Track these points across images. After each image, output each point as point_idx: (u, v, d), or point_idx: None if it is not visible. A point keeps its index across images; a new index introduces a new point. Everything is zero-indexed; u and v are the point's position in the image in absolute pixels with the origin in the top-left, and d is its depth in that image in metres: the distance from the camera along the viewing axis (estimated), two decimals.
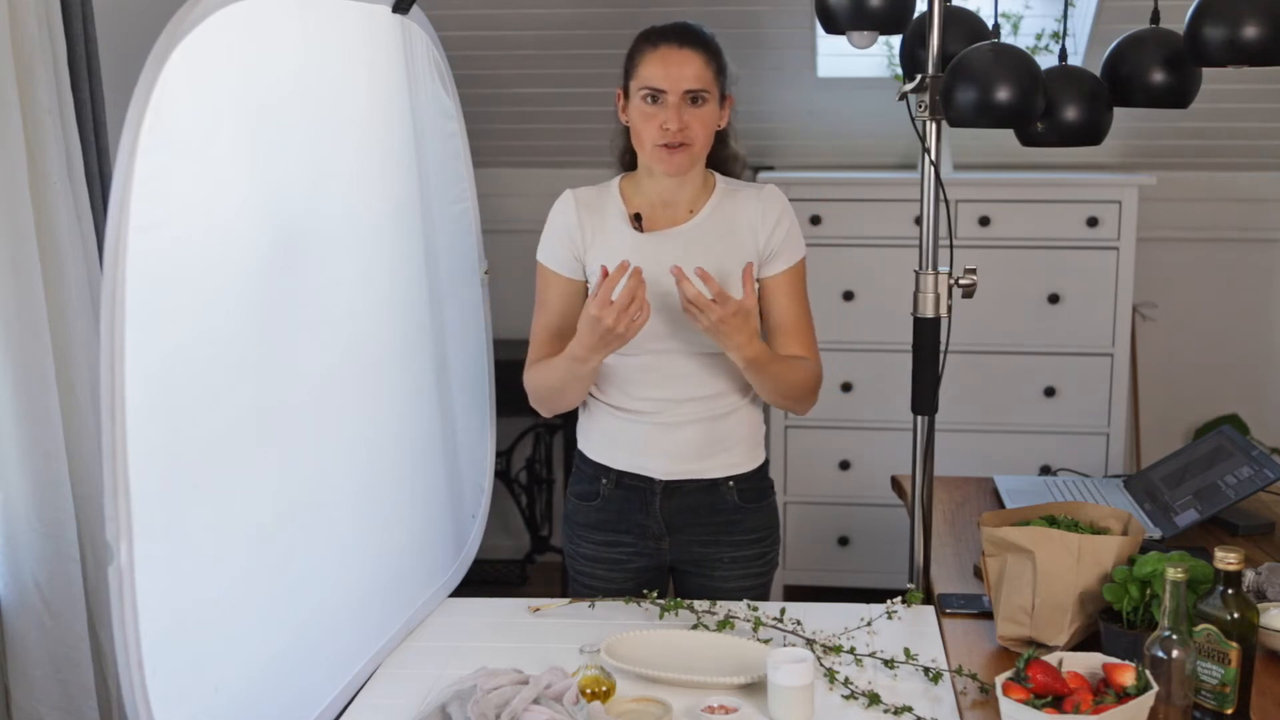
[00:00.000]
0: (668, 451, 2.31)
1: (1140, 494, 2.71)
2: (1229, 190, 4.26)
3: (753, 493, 2.37)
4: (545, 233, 2.33)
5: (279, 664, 1.77)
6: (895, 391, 2.75)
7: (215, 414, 1.60)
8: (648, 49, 2.23)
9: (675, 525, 2.35)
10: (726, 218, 2.29)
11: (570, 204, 2.31)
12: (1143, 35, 2.32)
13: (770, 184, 2.34)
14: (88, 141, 2.65)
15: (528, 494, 4.49)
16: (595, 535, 2.39)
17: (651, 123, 2.20)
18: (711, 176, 2.33)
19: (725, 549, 2.36)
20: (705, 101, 2.21)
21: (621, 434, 2.33)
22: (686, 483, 2.33)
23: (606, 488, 2.36)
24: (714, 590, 2.35)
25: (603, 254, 2.27)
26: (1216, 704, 1.73)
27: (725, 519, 2.35)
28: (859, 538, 4.13)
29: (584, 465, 2.40)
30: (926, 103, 2.20)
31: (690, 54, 2.20)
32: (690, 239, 2.28)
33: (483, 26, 3.89)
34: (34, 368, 2.54)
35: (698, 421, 2.30)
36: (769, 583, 2.44)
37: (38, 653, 2.62)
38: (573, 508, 2.42)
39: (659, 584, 2.42)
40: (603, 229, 2.29)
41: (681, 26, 2.25)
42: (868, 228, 3.97)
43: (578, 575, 2.43)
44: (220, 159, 1.61)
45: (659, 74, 2.20)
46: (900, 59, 2.54)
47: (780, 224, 2.28)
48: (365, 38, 2.07)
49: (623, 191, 2.32)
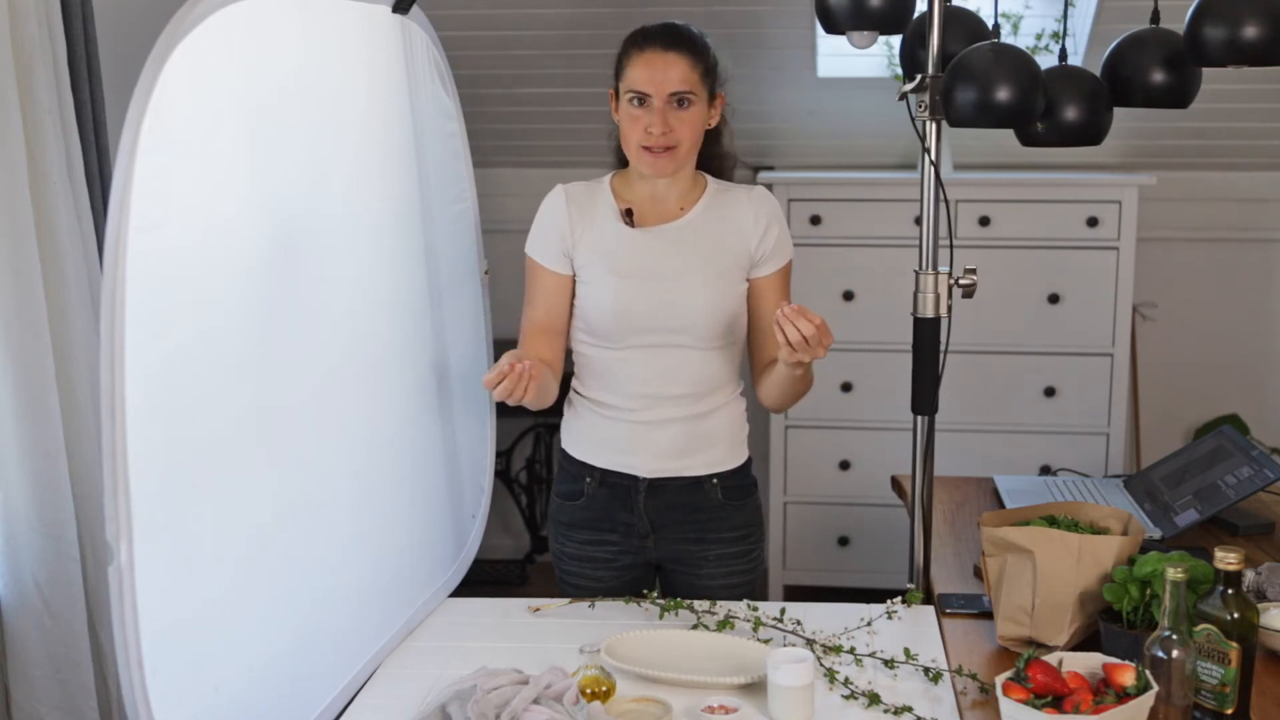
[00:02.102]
0: (651, 449, 2.31)
1: (1140, 494, 2.71)
2: (1229, 190, 4.25)
3: (736, 490, 2.38)
4: (534, 226, 2.34)
5: (279, 664, 1.77)
6: (895, 391, 2.75)
7: (215, 414, 1.60)
8: (634, 51, 2.24)
9: (659, 523, 2.35)
10: (717, 216, 2.30)
11: (560, 199, 2.32)
12: (1143, 35, 2.32)
13: (760, 186, 2.35)
14: (88, 141, 2.65)
15: (528, 494, 4.49)
16: (580, 534, 2.39)
17: (636, 125, 2.22)
18: (702, 177, 2.34)
19: (710, 546, 2.36)
20: (691, 103, 2.22)
21: (605, 432, 2.34)
22: (670, 480, 2.33)
23: (590, 486, 2.36)
24: (700, 588, 2.36)
25: (592, 248, 2.28)
26: (1216, 704, 1.73)
27: (709, 516, 2.36)
28: (859, 538, 4.13)
29: (568, 464, 2.41)
30: (926, 103, 2.20)
31: (675, 57, 2.21)
32: (681, 235, 2.29)
33: (483, 26, 3.89)
34: (34, 368, 2.54)
35: (680, 419, 2.30)
36: (755, 580, 2.44)
37: (38, 653, 2.62)
38: (557, 507, 2.43)
39: (647, 582, 2.42)
40: (592, 224, 2.30)
41: (668, 28, 2.25)
42: (868, 228, 3.97)
43: (565, 575, 2.43)
44: (220, 159, 1.61)
45: (643, 77, 2.21)
46: (900, 59, 2.54)
47: (771, 228, 2.30)
48: (365, 38, 2.07)
49: (614, 188, 2.33)
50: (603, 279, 2.27)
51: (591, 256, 2.28)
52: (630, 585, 2.36)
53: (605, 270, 2.27)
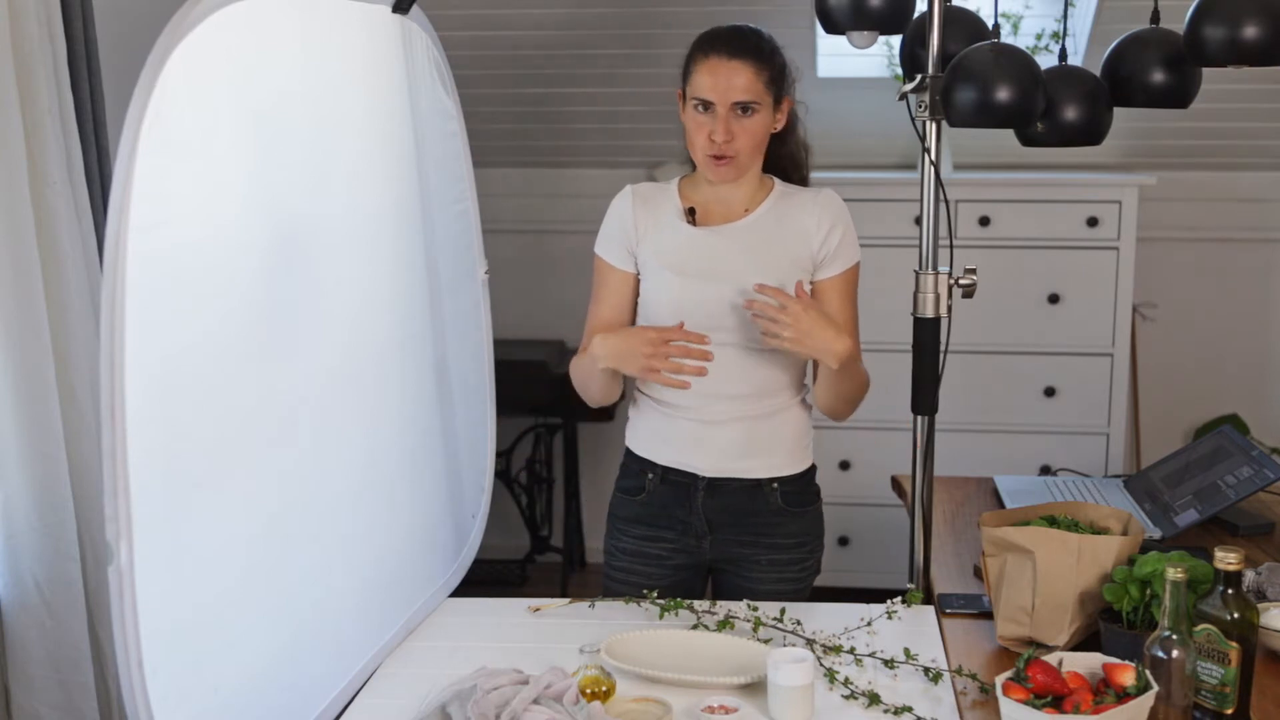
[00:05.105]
0: (711, 448, 2.32)
1: (1140, 494, 2.71)
2: (1229, 190, 4.26)
3: (796, 496, 2.37)
4: (603, 226, 2.37)
5: (279, 664, 1.77)
6: (895, 391, 2.74)
7: (215, 414, 1.60)
8: (700, 57, 2.25)
9: (716, 524, 2.35)
10: (781, 218, 2.30)
11: (628, 198, 2.35)
12: (1143, 35, 2.32)
13: (829, 189, 2.35)
14: (88, 141, 2.65)
15: (528, 494, 4.49)
16: (637, 529, 2.40)
17: (701, 132, 2.24)
18: (769, 179, 2.35)
19: (763, 551, 2.36)
20: (755, 111, 2.23)
21: (666, 430, 2.35)
22: (729, 481, 2.33)
23: (651, 483, 2.37)
24: (750, 591, 2.35)
25: (654, 246, 2.31)
26: (1216, 704, 1.73)
27: (766, 521, 2.35)
28: (859, 538, 4.13)
29: (630, 461, 2.42)
30: (926, 103, 2.21)
31: (740, 65, 2.21)
32: (744, 236, 2.30)
33: (483, 26, 3.89)
34: (34, 368, 2.54)
35: (741, 420, 2.31)
36: (807, 588, 2.44)
37: (38, 653, 2.62)
38: (617, 502, 2.44)
39: (697, 584, 2.42)
40: (656, 222, 2.32)
41: (734, 34, 2.26)
42: (868, 228, 3.94)
43: (614, 572, 2.42)
44: (220, 159, 1.61)
45: (708, 84, 2.22)
46: (900, 59, 2.54)
47: (835, 229, 2.30)
48: (365, 38, 2.07)
49: (681, 189, 2.35)
50: (663, 277, 2.29)
51: (653, 254, 2.30)
52: (680, 586, 2.37)
53: (665, 268, 2.29)
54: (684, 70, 2.28)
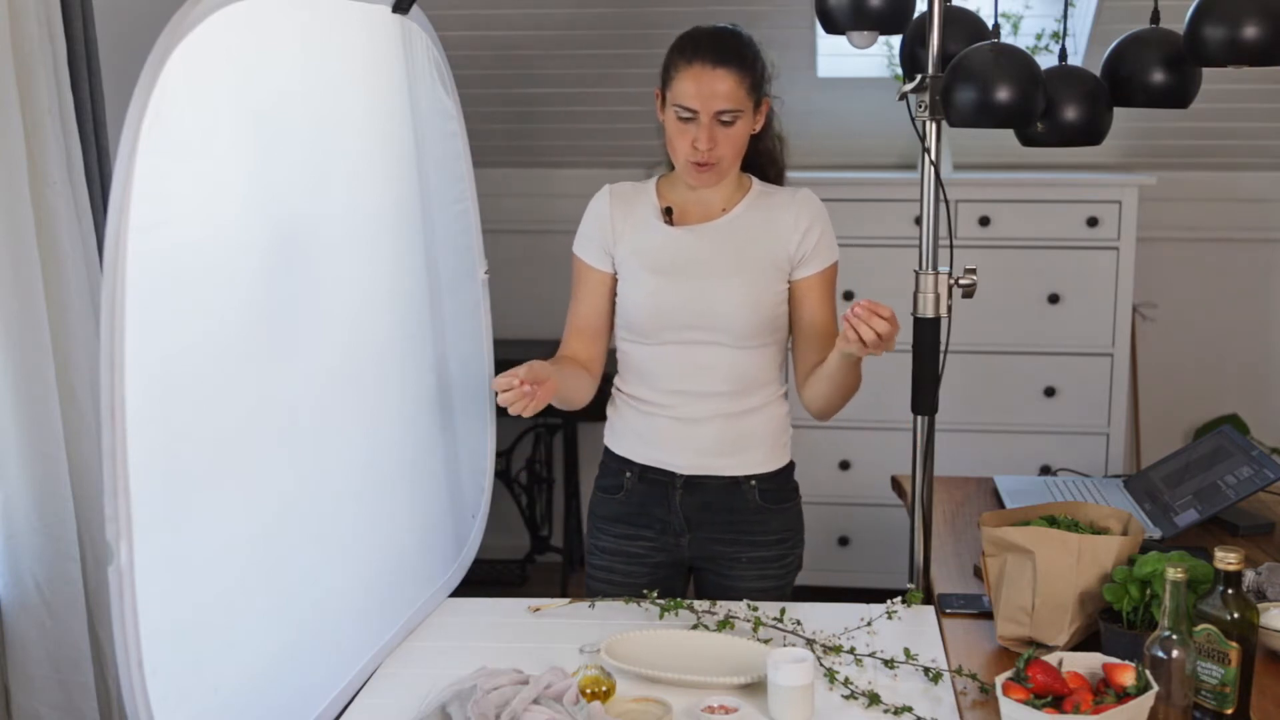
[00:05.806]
0: (689, 446, 2.32)
1: (1140, 494, 2.71)
2: (1229, 190, 4.25)
3: (775, 493, 2.37)
4: (581, 225, 2.38)
5: (279, 664, 1.77)
6: (895, 391, 2.74)
7: (215, 414, 1.60)
8: (682, 63, 2.22)
9: (695, 522, 2.35)
10: (759, 217, 2.31)
11: (605, 198, 2.36)
12: (1143, 35, 2.32)
13: (806, 189, 2.35)
14: (88, 141, 2.65)
15: (528, 494, 4.49)
16: (616, 528, 2.40)
17: (684, 139, 2.23)
18: (747, 178, 2.35)
19: (744, 549, 2.36)
20: (738, 118, 2.22)
21: (644, 428, 2.35)
22: (708, 479, 2.34)
23: (630, 481, 2.37)
24: (732, 590, 2.35)
25: (631, 245, 2.31)
26: (1216, 704, 1.73)
27: (745, 518, 2.35)
28: (859, 538, 4.13)
29: (609, 459, 2.43)
30: (926, 103, 2.20)
31: (723, 73, 2.20)
32: (721, 235, 2.30)
33: (483, 26, 3.89)
34: (34, 368, 2.54)
35: (718, 417, 2.31)
36: (789, 585, 2.44)
37: (38, 653, 2.62)
38: (596, 500, 2.44)
39: (678, 582, 2.42)
40: (634, 222, 2.32)
41: (716, 40, 2.24)
42: (868, 228, 3.97)
43: (595, 571, 2.43)
44: (220, 159, 1.61)
45: (691, 92, 2.21)
46: (900, 59, 2.54)
47: (813, 228, 2.30)
48: (365, 38, 2.07)
49: (659, 188, 2.35)
50: (639, 275, 2.29)
51: (630, 253, 2.31)
52: (661, 584, 2.36)
53: (642, 267, 2.29)
54: (664, 73, 2.27)
